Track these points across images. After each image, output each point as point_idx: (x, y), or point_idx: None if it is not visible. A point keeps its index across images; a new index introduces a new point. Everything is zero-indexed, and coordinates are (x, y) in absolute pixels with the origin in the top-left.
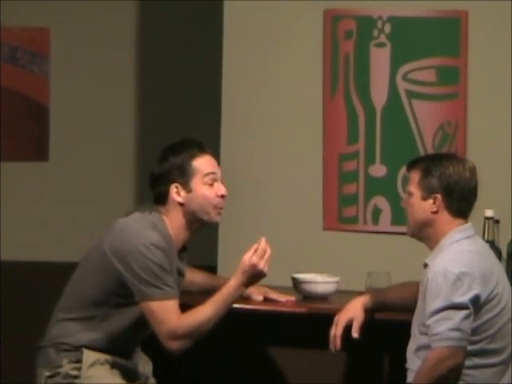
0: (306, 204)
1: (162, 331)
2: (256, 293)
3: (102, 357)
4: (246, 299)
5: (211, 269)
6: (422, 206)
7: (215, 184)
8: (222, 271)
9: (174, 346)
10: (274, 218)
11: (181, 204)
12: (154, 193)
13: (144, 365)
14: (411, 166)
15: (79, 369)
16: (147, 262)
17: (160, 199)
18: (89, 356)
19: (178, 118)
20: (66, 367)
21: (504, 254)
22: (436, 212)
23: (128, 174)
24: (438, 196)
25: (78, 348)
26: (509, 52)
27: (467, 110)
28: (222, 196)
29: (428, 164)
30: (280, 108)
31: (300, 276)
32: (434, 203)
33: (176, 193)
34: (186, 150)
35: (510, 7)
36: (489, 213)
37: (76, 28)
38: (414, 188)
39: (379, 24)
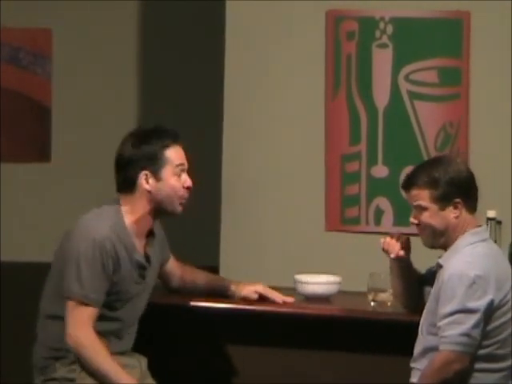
0: (308, 205)
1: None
2: (251, 291)
3: None
4: (243, 299)
5: (213, 269)
6: (442, 216)
7: (183, 175)
8: (224, 272)
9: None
10: (277, 218)
11: (148, 192)
12: (119, 178)
13: (140, 360)
14: (409, 185)
15: (75, 370)
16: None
17: (126, 185)
18: None
19: (180, 118)
20: (62, 370)
21: (506, 255)
22: (458, 216)
23: None
24: (459, 200)
25: (70, 351)
26: (510, 53)
27: (469, 110)
28: (188, 188)
29: (430, 175)
30: (282, 109)
31: (302, 277)
32: (455, 208)
33: (145, 180)
34: (160, 138)
35: None
36: (491, 214)
37: (78, 29)
38: (426, 203)
39: (381, 25)
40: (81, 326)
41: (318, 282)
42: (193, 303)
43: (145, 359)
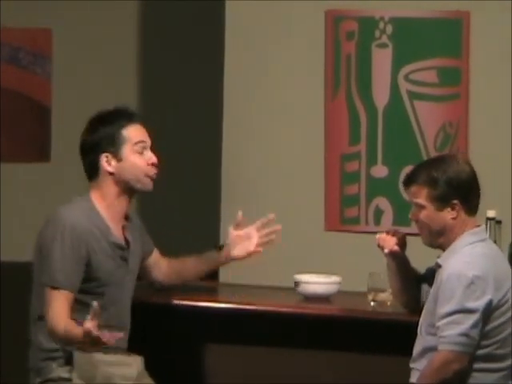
0: (308, 205)
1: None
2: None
3: (94, 357)
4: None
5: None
6: (439, 216)
7: (145, 152)
8: (224, 272)
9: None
10: (276, 218)
11: (111, 173)
12: (85, 165)
13: (136, 359)
14: (409, 182)
15: (71, 371)
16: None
17: (92, 171)
18: (80, 358)
19: (180, 118)
20: (58, 371)
21: (506, 255)
22: (456, 218)
23: None
24: (456, 201)
25: (66, 351)
26: (510, 53)
27: (469, 110)
28: (153, 164)
29: (429, 175)
30: (282, 109)
31: (302, 277)
32: (453, 209)
33: (106, 162)
34: (116, 119)
35: None
36: (491, 214)
37: (78, 29)
38: (424, 201)
39: (381, 25)
40: (56, 311)
41: (318, 282)
42: (192, 303)
43: (141, 359)
